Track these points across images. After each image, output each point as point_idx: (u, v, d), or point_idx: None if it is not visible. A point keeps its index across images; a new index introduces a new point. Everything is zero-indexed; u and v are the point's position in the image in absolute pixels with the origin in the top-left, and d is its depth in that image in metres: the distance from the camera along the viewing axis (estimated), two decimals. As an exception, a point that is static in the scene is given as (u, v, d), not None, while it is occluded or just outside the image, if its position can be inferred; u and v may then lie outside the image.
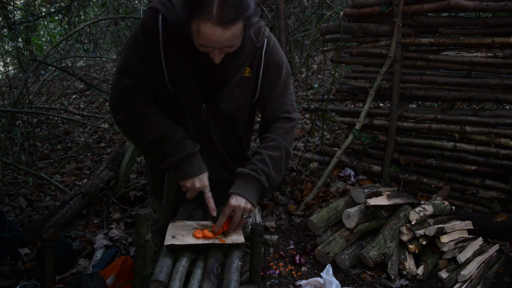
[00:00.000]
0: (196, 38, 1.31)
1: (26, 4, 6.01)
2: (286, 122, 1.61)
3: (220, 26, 1.24)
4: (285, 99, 1.61)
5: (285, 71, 1.60)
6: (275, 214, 3.09)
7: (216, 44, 1.30)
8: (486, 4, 2.73)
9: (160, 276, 1.24)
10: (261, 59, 1.53)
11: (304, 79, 5.89)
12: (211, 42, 1.29)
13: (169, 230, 1.47)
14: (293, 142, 1.66)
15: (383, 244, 2.45)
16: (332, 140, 4.19)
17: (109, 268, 2.20)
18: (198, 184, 1.50)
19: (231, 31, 1.27)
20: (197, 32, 1.29)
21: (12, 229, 2.51)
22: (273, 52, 1.56)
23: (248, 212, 1.48)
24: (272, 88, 1.59)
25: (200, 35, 1.29)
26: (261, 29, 1.52)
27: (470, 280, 2.29)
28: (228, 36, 1.27)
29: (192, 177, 1.49)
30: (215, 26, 1.24)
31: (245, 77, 1.53)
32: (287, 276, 2.41)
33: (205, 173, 1.53)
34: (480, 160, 2.97)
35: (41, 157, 4.48)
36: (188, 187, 1.51)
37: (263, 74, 1.56)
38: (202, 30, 1.26)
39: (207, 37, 1.27)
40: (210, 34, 1.26)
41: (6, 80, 5.42)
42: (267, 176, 1.52)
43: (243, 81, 1.54)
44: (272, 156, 1.53)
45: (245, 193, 1.47)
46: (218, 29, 1.25)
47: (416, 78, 3.16)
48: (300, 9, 6.15)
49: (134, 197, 3.24)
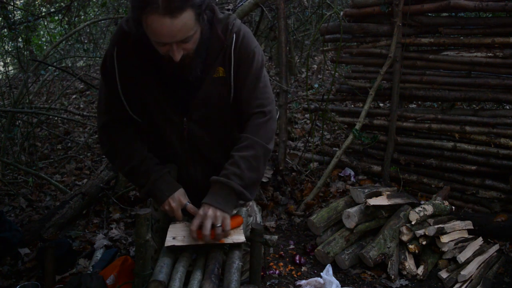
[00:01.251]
0: (150, 36, 1.30)
1: (26, 4, 6.00)
2: (259, 117, 1.54)
3: (168, 15, 1.21)
4: (257, 92, 1.54)
5: (256, 63, 1.52)
6: (275, 214, 3.09)
7: (168, 37, 1.27)
8: (486, 4, 2.73)
9: (160, 276, 1.24)
10: (230, 56, 1.48)
11: (304, 79, 5.89)
12: (163, 36, 1.26)
13: (170, 231, 1.47)
14: (272, 135, 1.58)
15: (383, 244, 2.45)
16: (332, 140, 4.19)
17: (109, 268, 2.20)
18: (173, 204, 1.52)
19: (181, 20, 1.24)
20: (147, 28, 1.27)
21: (12, 229, 2.51)
22: (243, 46, 1.50)
23: (221, 219, 1.42)
24: (243, 83, 1.52)
25: (150, 31, 1.27)
26: (229, 25, 1.48)
27: (470, 280, 2.29)
28: (179, 26, 1.24)
29: (165, 200, 1.52)
30: (163, 17, 1.21)
31: (219, 77, 1.49)
32: (287, 276, 2.41)
33: (178, 190, 1.54)
34: (480, 160, 2.97)
35: (41, 157, 4.47)
36: (168, 210, 1.54)
37: (235, 71, 1.50)
38: (151, 24, 1.24)
39: (158, 30, 1.25)
40: (159, 26, 1.23)
41: (6, 80, 5.42)
42: (240, 178, 1.47)
43: (217, 82, 1.50)
44: (244, 157, 1.49)
45: (213, 201, 1.45)
46: (167, 19, 1.22)
47: (416, 78, 3.16)
48: (300, 9, 6.14)
49: (134, 197, 3.23)
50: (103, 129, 1.59)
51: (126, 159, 1.57)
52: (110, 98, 1.54)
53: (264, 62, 1.59)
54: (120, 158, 1.59)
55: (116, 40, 1.46)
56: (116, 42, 1.45)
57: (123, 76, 1.47)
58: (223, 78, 1.51)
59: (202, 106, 1.52)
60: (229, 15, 1.52)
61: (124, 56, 1.44)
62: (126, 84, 1.48)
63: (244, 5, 3.35)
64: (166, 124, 1.56)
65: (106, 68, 1.50)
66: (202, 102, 1.52)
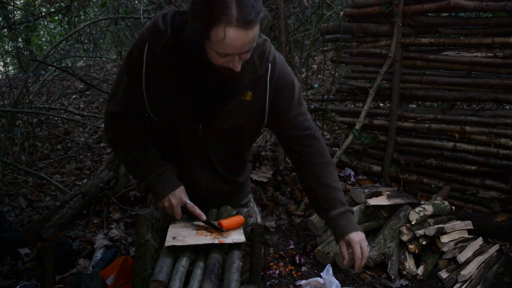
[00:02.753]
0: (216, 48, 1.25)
1: (26, 4, 6.00)
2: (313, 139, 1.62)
3: (242, 28, 1.19)
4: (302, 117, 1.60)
5: (297, 89, 1.58)
6: (275, 214, 3.09)
7: (239, 48, 1.24)
8: (486, 4, 2.73)
9: (160, 276, 1.23)
10: (266, 84, 1.50)
11: (304, 79, 5.89)
12: (234, 48, 1.23)
13: (170, 231, 1.47)
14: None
15: (383, 244, 2.45)
16: (332, 140, 4.19)
17: (109, 268, 2.21)
18: (174, 201, 1.51)
19: (253, 33, 1.22)
20: (217, 39, 1.22)
21: (12, 229, 2.51)
22: (281, 76, 1.52)
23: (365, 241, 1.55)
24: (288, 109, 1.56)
25: (220, 44, 1.22)
26: (265, 53, 1.47)
27: (470, 280, 2.29)
28: (250, 38, 1.22)
29: (165, 196, 1.51)
30: (238, 29, 1.19)
31: (245, 100, 1.50)
32: (287, 276, 2.41)
33: (179, 187, 1.54)
34: (480, 160, 2.97)
35: (41, 157, 4.47)
36: (167, 207, 1.53)
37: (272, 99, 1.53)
38: (224, 35, 1.20)
39: (231, 42, 1.21)
40: (234, 38, 1.20)
41: (6, 80, 5.42)
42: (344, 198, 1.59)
43: (242, 104, 1.50)
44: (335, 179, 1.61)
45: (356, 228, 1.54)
46: (241, 32, 1.19)
47: (416, 78, 3.16)
48: (300, 9, 6.14)
49: (134, 197, 3.23)
50: (111, 116, 1.57)
51: (130, 150, 1.56)
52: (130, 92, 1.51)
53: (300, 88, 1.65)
54: (124, 147, 1.58)
55: (150, 36, 1.42)
56: (149, 39, 1.43)
57: (149, 73, 1.45)
58: (250, 103, 1.51)
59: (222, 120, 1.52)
60: (265, 40, 1.51)
61: (154, 54, 1.43)
62: (149, 81, 1.47)
63: (244, 5, 3.34)
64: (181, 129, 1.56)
65: (132, 61, 1.47)
66: (223, 119, 1.52)
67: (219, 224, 1.48)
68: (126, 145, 1.58)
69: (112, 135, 1.61)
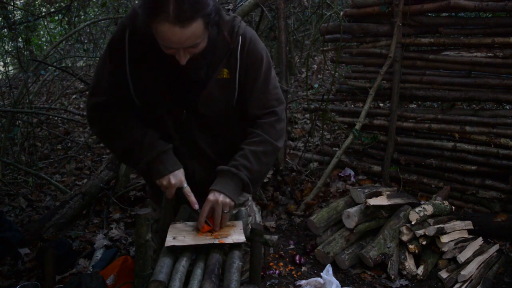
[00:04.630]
0: (159, 40, 1.32)
1: (26, 4, 6.00)
2: (270, 116, 1.59)
3: (178, 25, 1.23)
4: (267, 94, 1.59)
5: (265, 65, 1.57)
6: (275, 214, 3.09)
7: (177, 44, 1.29)
8: (486, 4, 2.73)
9: (160, 276, 1.24)
10: (236, 59, 1.51)
11: (304, 79, 5.89)
12: (172, 43, 1.29)
13: (170, 232, 1.47)
14: (282, 135, 1.64)
15: (383, 244, 2.45)
16: (332, 140, 4.19)
17: (109, 268, 2.21)
18: (173, 181, 1.50)
19: (191, 30, 1.26)
20: (156, 34, 1.28)
21: (12, 229, 2.50)
22: (250, 50, 1.53)
23: (228, 206, 1.47)
24: (252, 85, 1.56)
25: (160, 36, 1.29)
26: (235, 28, 1.50)
27: (470, 280, 2.29)
28: (188, 35, 1.26)
29: (166, 175, 1.50)
30: (173, 26, 1.23)
31: (223, 78, 1.52)
32: (287, 276, 2.41)
33: (180, 169, 1.54)
34: (480, 160, 2.97)
35: (41, 157, 4.47)
36: (164, 185, 1.52)
37: (241, 74, 1.53)
38: (160, 31, 1.26)
39: (167, 38, 1.27)
40: (169, 34, 1.25)
41: (6, 80, 5.42)
42: (249, 170, 1.52)
43: (221, 83, 1.52)
44: (254, 151, 1.54)
45: (223, 188, 1.48)
46: (176, 29, 1.24)
47: (416, 78, 3.16)
48: (300, 9, 6.14)
49: (134, 197, 3.24)
50: (97, 108, 1.56)
51: (126, 136, 1.54)
52: (114, 79, 1.52)
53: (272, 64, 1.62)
54: (118, 134, 1.56)
55: (129, 23, 1.45)
56: (129, 25, 1.45)
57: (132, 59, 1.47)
58: (227, 80, 1.53)
59: (204, 105, 1.53)
60: (234, 17, 1.53)
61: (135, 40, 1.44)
62: (133, 66, 1.48)
63: (244, 5, 3.34)
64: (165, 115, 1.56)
65: (114, 48, 1.49)
66: (205, 101, 1.53)
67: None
68: (121, 130, 1.56)
69: (101, 127, 1.59)
